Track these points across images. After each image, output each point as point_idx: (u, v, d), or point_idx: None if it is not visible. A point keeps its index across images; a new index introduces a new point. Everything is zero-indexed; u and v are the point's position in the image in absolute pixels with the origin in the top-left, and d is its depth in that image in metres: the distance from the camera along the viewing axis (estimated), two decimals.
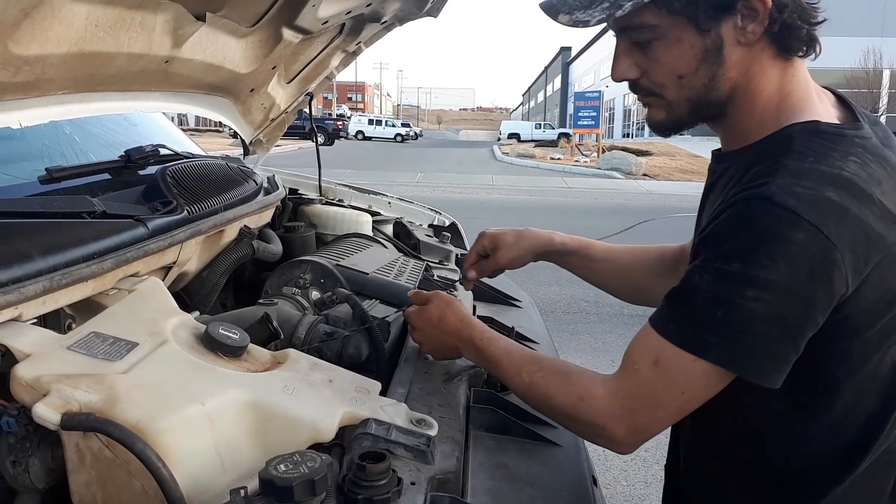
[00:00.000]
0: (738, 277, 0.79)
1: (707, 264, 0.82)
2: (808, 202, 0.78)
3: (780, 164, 0.82)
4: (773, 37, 0.86)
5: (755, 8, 0.83)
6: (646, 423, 0.89)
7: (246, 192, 1.71)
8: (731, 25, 0.85)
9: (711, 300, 0.81)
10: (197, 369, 0.91)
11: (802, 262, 0.77)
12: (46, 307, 0.99)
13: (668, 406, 0.87)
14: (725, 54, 0.86)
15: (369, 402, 0.95)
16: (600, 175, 17.92)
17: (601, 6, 0.84)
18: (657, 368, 0.86)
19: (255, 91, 1.96)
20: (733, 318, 0.80)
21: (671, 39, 0.86)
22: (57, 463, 0.82)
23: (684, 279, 0.85)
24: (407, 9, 2.03)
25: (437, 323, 1.14)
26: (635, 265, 1.30)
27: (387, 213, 2.40)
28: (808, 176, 0.80)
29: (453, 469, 0.89)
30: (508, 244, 1.30)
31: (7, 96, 1.11)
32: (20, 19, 0.95)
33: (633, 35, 0.89)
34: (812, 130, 0.86)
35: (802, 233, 0.77)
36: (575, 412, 0.93)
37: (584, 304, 5.41)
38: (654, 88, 0.91)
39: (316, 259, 1.56)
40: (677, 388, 0.85)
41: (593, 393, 0.91)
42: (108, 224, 1.16)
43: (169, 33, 1.31)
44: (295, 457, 0.73)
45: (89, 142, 1.62)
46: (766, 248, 0.78)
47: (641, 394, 0.88)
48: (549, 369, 0.99)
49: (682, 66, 0.87)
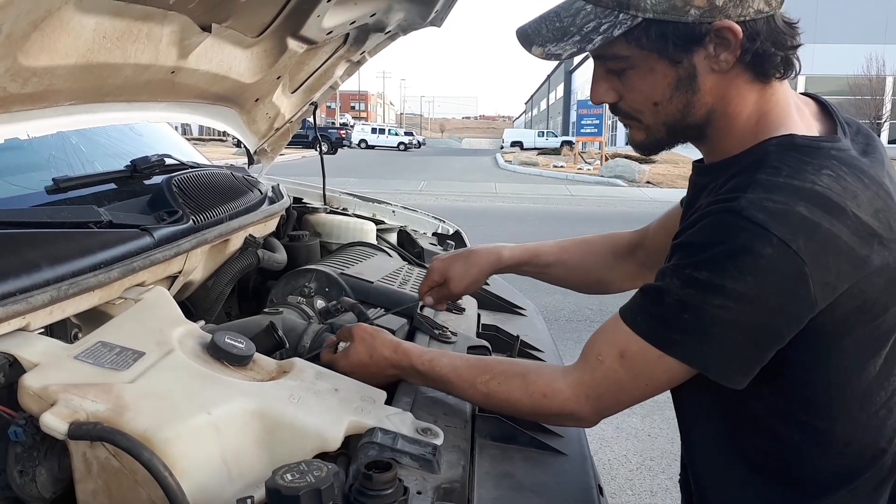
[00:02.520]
0: (707, 286, 0.81)
1: (679, 270, 0.84)
2: (777, 217, 0.78)
3: (753, 178, 0.83)
4: (746, 64, 0.86)
5: (726, 38, 0.83)
6: (610, 405, 0.93)
7: (251, 202, 1.72)
8: (702, 55, 0.85)
9: (680, 303, 0.83)
10: (203, 378, 0.91)
11: (770, 277, 0.78)
12: (53, 317, 1.00)
13: (631, 393, 0.91)
14: (699, 82, 0.87)
15: (375, 411, 0.95)
16: (603, 183, 17.92)
17: (572, 40, 0.86)
18: (622, 360, 0.88)
19: (259, 101, 1.97)
20: (700, 320, 0.82)
21: (644, 69, 0.87)
22: (64, 472, 0.83)
23: (658, 277, 0.88)
24: (411, 18, 2.04)
25: (368, 361, 1.08)
26: (588, 261, 1.32)
27: (391, 221, 2.41)
28: (779, 190, 0.80)
29: (459, 478, 0.89)
30: (459, 273, 1.30)
31: (15, 107, 1.12)
32: (30, 32, 0.96)
33: (608, 63, 0.90)
34: (787, 144, 0.86)
35: (771, 248, 0.77)
36: (540, 408, 0.96)
37: (588, 311, 5.40)
38: (631, 113, 0.93)
39: (321, 268, 1.56)
40: (641, 379, 0.88)
41: (556, 388, 0.94)
42: (114, 234, 1.17)
43: (175, 44, 1.32)
44: (301, 466, 0.74)
45: (95, 152, 1.63)
46: (735, 260, 0.79)
47: (605, 384, 0.91)
48: (503, 374, 0.99)
49: (656, 94, 0.89)
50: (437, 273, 1.32)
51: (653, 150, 0.97)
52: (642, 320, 0.87)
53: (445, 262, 1.32)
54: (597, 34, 0.84)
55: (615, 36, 0.84)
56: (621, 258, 1.30)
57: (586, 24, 0.85)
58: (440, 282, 1.32)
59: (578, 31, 0.85)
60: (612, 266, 1.30)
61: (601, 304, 5.58)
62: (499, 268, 1.32)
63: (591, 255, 1.32)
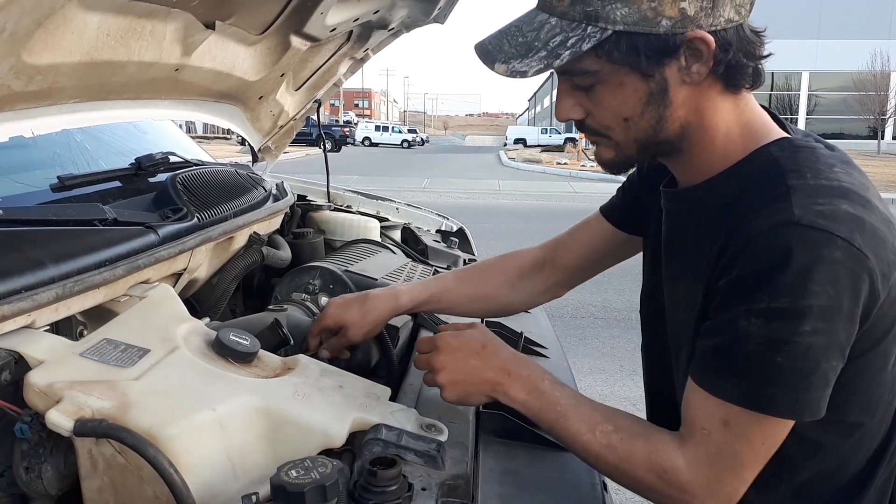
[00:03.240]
0: (792, 313, 0.74)
1: (752, 307, 0.76)
2: (832, 218, 0.75)
3: (784, 185, 0.79)
4: (718, 75, 0.83)
5: (699, 49, 0.79)
6: (734, 489, 0.83)
7: (255, 199, 1.72)
8: (675, 68, 0.81)
9: (767, 345, 0.76)
10: (208, 375, 0.91)
11: (845, 281, 0.74)
12: (59, 314, 1.00)
13: (752, 462, 0.82)
14: (672, 95, 0.83)
15: (379, 408, 0.95)
16: (607, 180, 17.85)
17: (538, 55, 0.81)
18: (728, 430, 0.80)
19: (263, 98, 1.98)
20: (796, 358, 0.76)
21: (614, 84, 0.83)
22: (70, 469, 0.83)
23: (723, 329, 0.80)
24: (414, 15, 2.04)
25: (478, 350, 0.98)
26: (488, 288, 1.27)
27: (395, 218, 2.41)
28: (818, 192, 0.78)
29: (464, 474, 0.89)
30: (356, 320, 1.21)
31: (20, 105, 1.12)
32: (33, 29, 0.96)
33: (575, 79, 0.85)
34: (790, 148, 0.84)
35: (839, 251, 0.74)
36: (660, 485, 0.85)
37: (591, 308, 5.40)
38: (599, 129, 0.88)
39: (325, 265, 1.56)
40: (757, 440, 0.81)
41: (675, 465, 0.84)
42: (119, 231, 1.17)
43: (179, 42, 1.32)
44: (306, 462, 0.74)
45: (100, 150, 1.64)
46: (811, 274, 0.73)
47: (723, 459, 0.82)
48: (627, 430, 0.89)
49: (626, 109, 0.84)
50: (331, 319, 1.21)
51: (622, 169, 0.92)
52: (731, 386, 0.79)
53: (340, 307, 1.22)
54: (564, 49, 0.80)
55: (584, 50, 0.79)
56: (525, 277, 1.26)
57: (552, 38, 0.80)
58: (335, 329, 1.22)
59: (544, 45, 0.81)
60: (516, 286, 1.26)
61: (605, 301, 5.58)
62: (398, 312, 1.24)
63: (492, 281, 1.27)
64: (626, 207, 1.16)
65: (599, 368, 4.10)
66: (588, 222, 1.23)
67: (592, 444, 0.89)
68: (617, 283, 6.06)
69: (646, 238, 1.10)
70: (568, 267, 1.24)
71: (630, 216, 1.15)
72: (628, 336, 4.67)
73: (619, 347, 4.50)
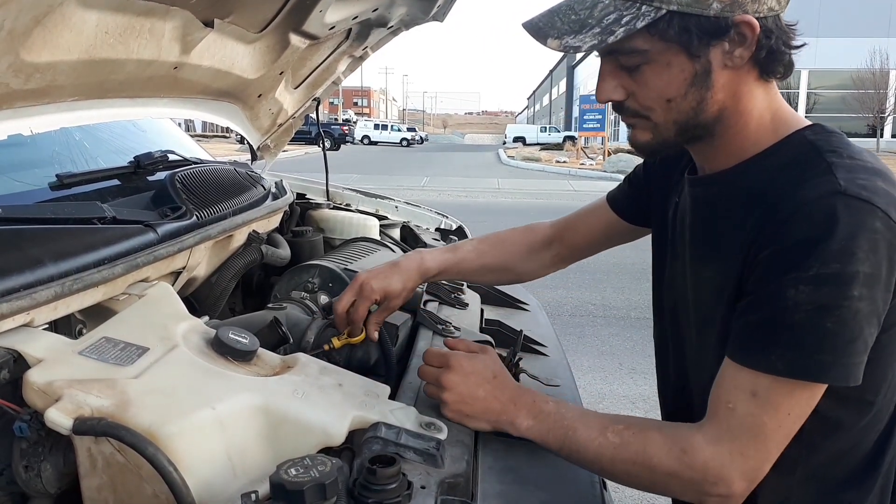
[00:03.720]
0: (841, 278, 0.76)
1: (802, 275, 0.78)
2: (873, 192, 0.79)
3: (825, 162, 0.83)
4: (757, 61, 0.86)
5: (744, 34, 0.83)
6: (758, 464, 0.83)
7: (254, 197, 1.72)
8: (719, 50, 0.84)
9: (817, 311, 0.77)
10: (207, 374, 0.91)
11: (884, 251, 0.77)
12: (58, 312, 1.00)
13: (776, 435, 0.83)
14: (714, 78, 0.86)
15: (379, 406, 0.95)
16: (606, 178, 17.88)
17: (592, 31, 0.82)
18: (755, 400, 0.81)
19: (262, 96, 1.97)
20: (846, 322, 0.77)
21: (661, 64, 0.85)
22: (69, 468, 0.83)
23: (767, 301, 0.81)
24: (413, 13, 2.04)
25: (489, 378, 0.99)
26: (505, 259, 1.33)
27: (394, 217, 2.41)
28: (856, 170, 0.81)
29: (463, 472, 0.89)
30: (397, 289, 1.23)
31: (18, 103, 1.12)
32: (32, 27, 0.96)
33: (621, 59, 0.87)
34: (823, 132, 0.88)
35: (880, 221, 0.77)
36: (680, 467, 0.85)
37: (590, 307, 5.40)
38: (640, 110, 0.90)
39: (324, 263, 1.56)
40: (783, 411, 0.82)
41: (695, 444, 0.85)
42: (118, 229, 1.17)
43: (178, 40, 1.32)
44: (305, 461, 0.74)
45: (99, 148, 1.63)
46: (858, 241, 0.76)
47: (746, 430, 0.83)
48: (639, 425, 0.90)
49: (671, 90, 0.86)
50: (377, 293, 1.21)
51: (657, 152, 0.95)
52: (777, 359, 0.80)
53: (378, 278, 1.22)
54: (618, 26, 0.81)
55: (638, 28, 0.81)
56: (536, 252, 1.32)
57: (606, 16, 0.82)
58: (381, 300, 1.23)
59: (598, 22, 0.82)
60: (527, 259, 1.33)
61: (604, 299, 5.58)
62: (426, 277, 1.28)
63: (508, 253, 1.33)
64: (632, 199, 1.21)
65: (598, 367, 4.10)
66: (594, 209, 1.28)
67: (605, 446, 0.89)
68: (616, 282, 6.06)
69: (657, 229, 1.12)
70: (575, 246, 1.31)
71: (635, 207, 1.20)
72: (627, 334, 4.67)
73: (618, 346, 4.51)
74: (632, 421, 0.92)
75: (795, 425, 0.83)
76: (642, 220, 1.20)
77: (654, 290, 1.13)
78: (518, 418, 0.97)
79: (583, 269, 6.19)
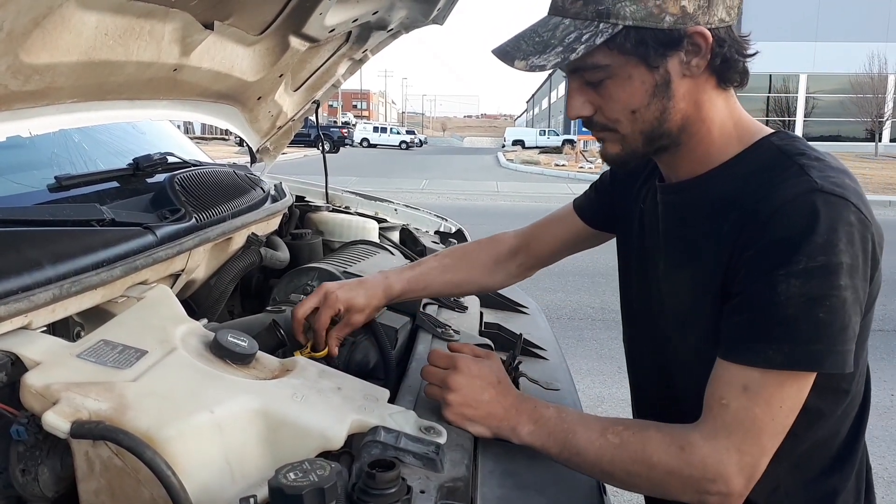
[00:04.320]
0: (828, 270, 0.80)
1: (791, 269, 0.81)
2: (844, 188, 0.84)
3: (795, 164, 0.87)
4: (714, 69, 0.91)
5: (698, 44, 0.87)
6: (753, 459, 0.85)
7: (253, 200, 1.72)
8: (676, 61, 0.88)
9: (809, 302, 0.81)
10: (206, 377, 0.91)
11: (859, 243, 0.82)
12: (56, 315, 1.00)
13: (770, 427, 0.85)
14: (674, 88, 0.90)
15: (378, 410, 0.95)
16: None
17: (555, 51, 0.87)
18: (747, 394, 0.84)
19: (262, 99, 1.97)
20: (834, 315, 0.81)
21: (623, 77, 0.89)
22: (66, 471, 0.82)
23: (757, 299, 0.83)
24: (413, 16, 2.04)
25: (494, 383, 1.01)
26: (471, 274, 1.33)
27: (393, 219, 2.41)
28: (826, 169, 0.86)
29: (463, 477, 0.88)
30: (361, 305, 1.22)
31: (17, 105, 1.11)
32: (31, 29, 0.95)
33: (586, 75, 0.91)
34: (787, 138, 0.93)
35: (853, 215, 0.82)
36: (679, 464, 0.87)
37: (589, 310, 5.40)
38: (608, 124, 0.94)
39: (323, 266, 1.56)
40: (775, 404, 0.84)
41: (692, 441, 0.87)
42: (116, 232, 1.16)
43: (177, 42, 1.32)
44: (304, 465, 0.73)
45: (98, 150, 1.63)
46: (838, 234, 0.80)
47: (740, 425, 0.85)
48: (638, 426, 0.93)
49: (634, 101, 0.90)
50: (340, 303, 1.20)
51: (627, 163, 0.98)
52: (773, 354, 0.82)
53: (344, 289, 1.22)
54: (579, 43, 0.86)
55: (597, 44, 0.86)
56: (502, 263, 1.33)
57: (567, 35, 0.87)
58: (343, 313, 1.21)
59: (560, 42, 0.87)
60: (493, 271, 1.34)
61: (603, 302, 5.58)
62: (391, 299, 1.27)
63: (472, 268, 1.33)
64: (598, 206, 1.24)
65: (597, 370, 4.10)
66: (560, 217, 1.31)
67: (605, 447, 0.91)
68: (615, 285, 6.03)
69: (623, 236, 1.16)
70: (540, 255, 1.33)
71: (601, 214, 1.24)
72: None
73: (616, 349, 4.49)
74: (630, 422, 0.94)
75: (788, 419, 0.85)
76: (607, 226, 1.24)
77: (623, 294, 1.17)
78: (519, 424, 0.98)
79: (581, 272, 6.19)
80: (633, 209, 1.11)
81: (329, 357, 1.20)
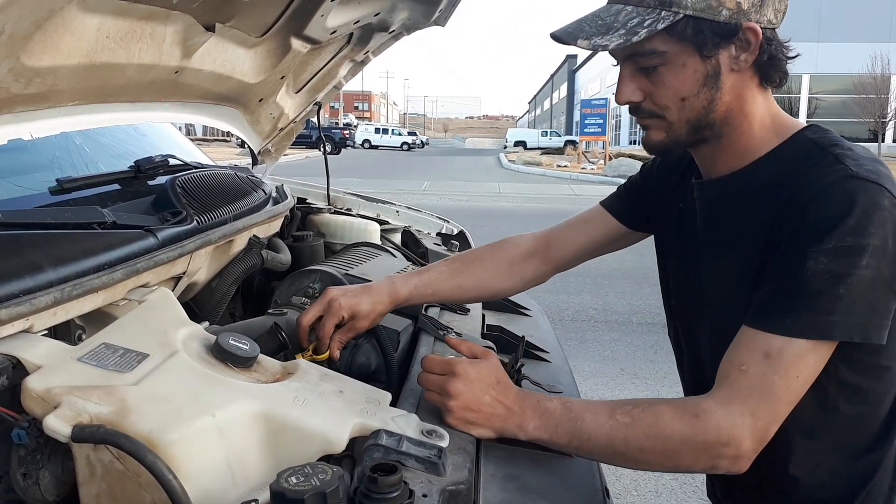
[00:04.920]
0: (854, 250, 0.85)
1: (821, 248, 0.87)
2: (880, 176, 0.89)
3: (831, 155, 0.92)
4: (758, 67, 0.96)
5: (749, 39, 0.93)
6: (766, 423, 0.89)
7: (255, 202, 1.71)
8: (727, 54, 0.94)
9: (832, 279, 0.86)
10: (207, 380, 0.90)
11: (890, 227, 0.87)
12: (57, 318, 0.99)
13: (785, 397, 0.89)
14: (722, 80, 0.95)
15: (380, 413, 0.94)
16: (607, 182, 17.89)
17: (618, 33, 0.92)
18: (768, 361, 0.88)
19: (263, 101, 1.97)
20: (853, 288, 0.86)
21: (677, 65, 0.94)
22: (67, 475, 0.82)
23: (787, 271, 0.89)
24: (415, 18, 2.03)
25: (493, 384, 1.00)
26: (483, 278, 1.31)
27: (395, 221, 2.40)
28: (859, 158, 0.91)
29: (465, 480, 0.88)
30: (366, 310, 1.22)
31: (19, 107, 1.11)
32: (33, 31, 0.95)
33: (640, 61, 0.96)
34: (820, 132, 0.98)
35: (887, 200, 0.87)
36: (693, 432, 0.89)
37: (592, 311, 5.40)
38: (656, 110, 0.98)
39: (325, 268, 1.56)
40: (792, 373, 0.88)
41: (706, 407, 0.90)
42: (118, 235, 1.16)
43: (179, 44, 1.31)
44: (306, 469, 0.73)
45: (99, 152, 1.63)
46: (871, 217, 0.86)
47: (757, 390, 0.89)
48: (648, 402, 0.94)
49: (685, 89, 0.95)
50: (345, 310, 1.20)
51: (669, 151, 1.03)
52: (792, 321, 0.88)
53: (348, 296, 1.21)
54: (641, 28, 0.91)
55: (658, 30, 0.91)
56: (516, 266, 1.32)
57: (629, 20, 0.92)
58: (347, 318, 1.21)
59: (622, 26, 0.92)
60: (506, 276, 1.32)
61: (605, 304, 5.58)
62: (398, 304, 1.26)
63: (484, 272, 1.31)
64: (635, 205, 1.25)
65: (600, 372, 4.09)
66: (587, 218, 1.30)
67: (616, 427, 0.92)
68: (618, 287, 6.06)
69: (662, 234, 1.19)
70: (562, 257, 1.32)
71: (638, 214, 1.25)
72: (628, 339, 4.66)
73: (619, 351, 4.50)
74: (639, 401, 0.95)
75: (802, 389, 0.89)
76: (644, 226, 1.25)
77: (664, 290, 1.20)
78: (525, 420, 0.98)
79: (584, 273, 6.18)
80: (671, 207, 1.14)
81: (331, 360, 1.20)
